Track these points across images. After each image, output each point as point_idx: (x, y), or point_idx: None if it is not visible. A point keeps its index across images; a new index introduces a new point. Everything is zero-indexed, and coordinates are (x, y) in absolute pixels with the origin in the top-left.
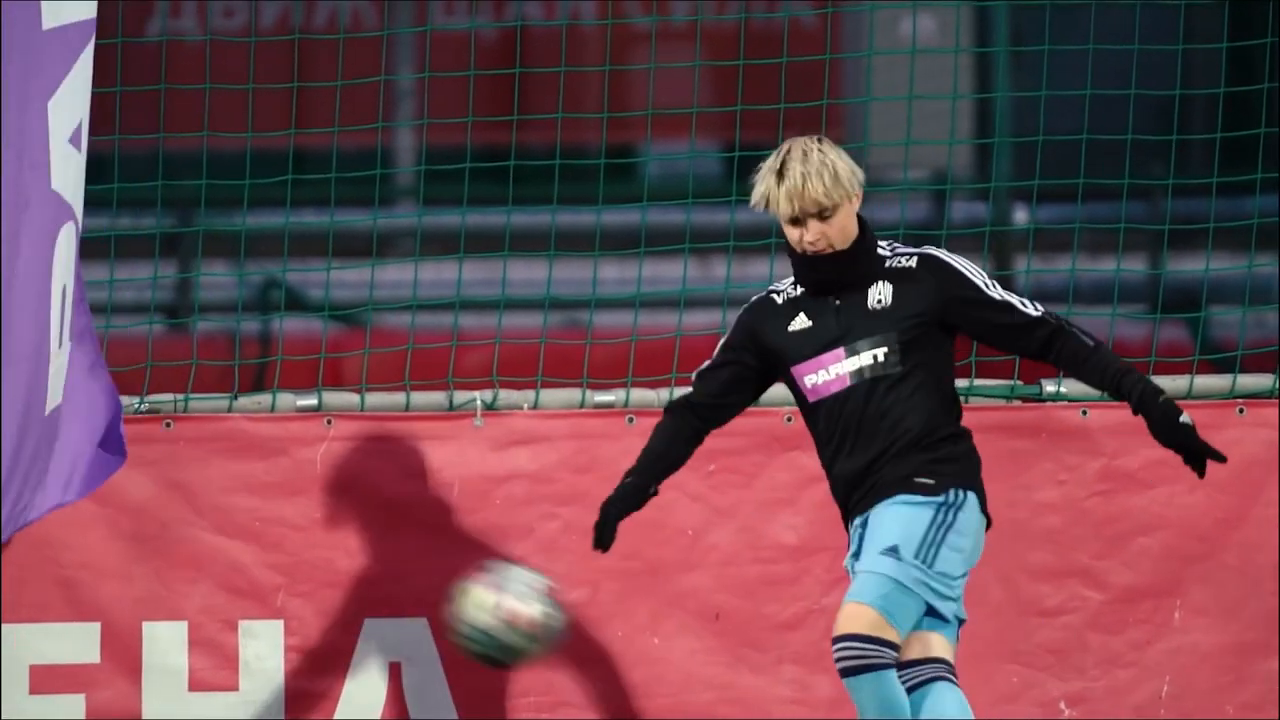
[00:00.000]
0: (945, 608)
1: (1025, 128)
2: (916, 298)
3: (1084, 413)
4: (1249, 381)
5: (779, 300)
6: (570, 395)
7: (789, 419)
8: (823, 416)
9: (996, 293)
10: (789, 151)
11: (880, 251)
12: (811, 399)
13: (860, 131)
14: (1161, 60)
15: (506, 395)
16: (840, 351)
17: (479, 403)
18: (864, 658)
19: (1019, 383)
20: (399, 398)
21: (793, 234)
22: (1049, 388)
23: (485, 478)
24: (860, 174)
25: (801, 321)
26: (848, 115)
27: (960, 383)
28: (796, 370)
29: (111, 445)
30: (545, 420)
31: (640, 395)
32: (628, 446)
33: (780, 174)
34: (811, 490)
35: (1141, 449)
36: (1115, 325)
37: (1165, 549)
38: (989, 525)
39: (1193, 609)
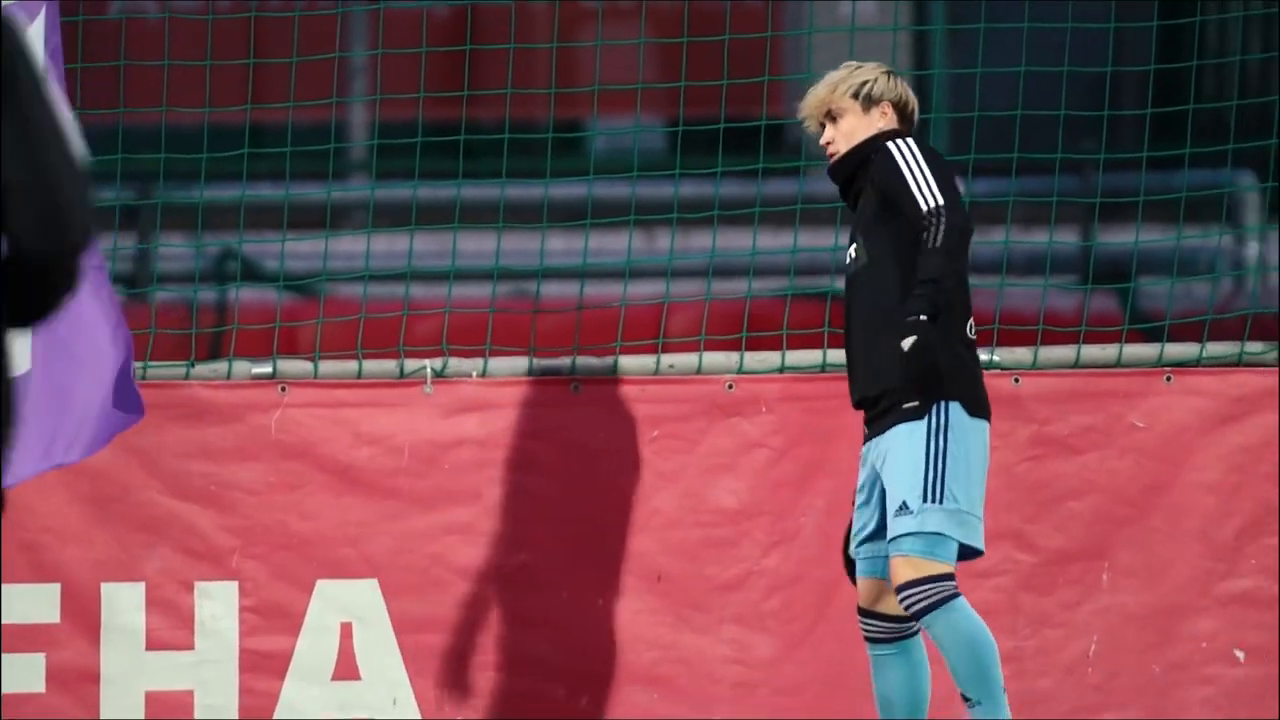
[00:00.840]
0: (971, 537)
1: (961, 104)
2: (874, 192)
3: (1016, 380)
4: (1176, 350)
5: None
6: (517, 363)
7: (730, 386)
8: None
9: (911, 180)
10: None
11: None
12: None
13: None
14: (1093, 39)
15: (456, 363)
16: (851, 251)
17: (429, 370)
18: (925, 597)
19: None
20: (351, 365)
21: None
22: (982, 357)
23: (434, 443)
24: (894, 96)
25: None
26: (788, 91)
27: None
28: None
29: (125, 402)
30: (493, 387)
31: (586, 363)
32: (574, 413)
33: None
34: (752, 455)
35: (1072, 416)
36: (1047, 295)
37: (1094, 513)
38: (988, 414)
39: (1121, 571)
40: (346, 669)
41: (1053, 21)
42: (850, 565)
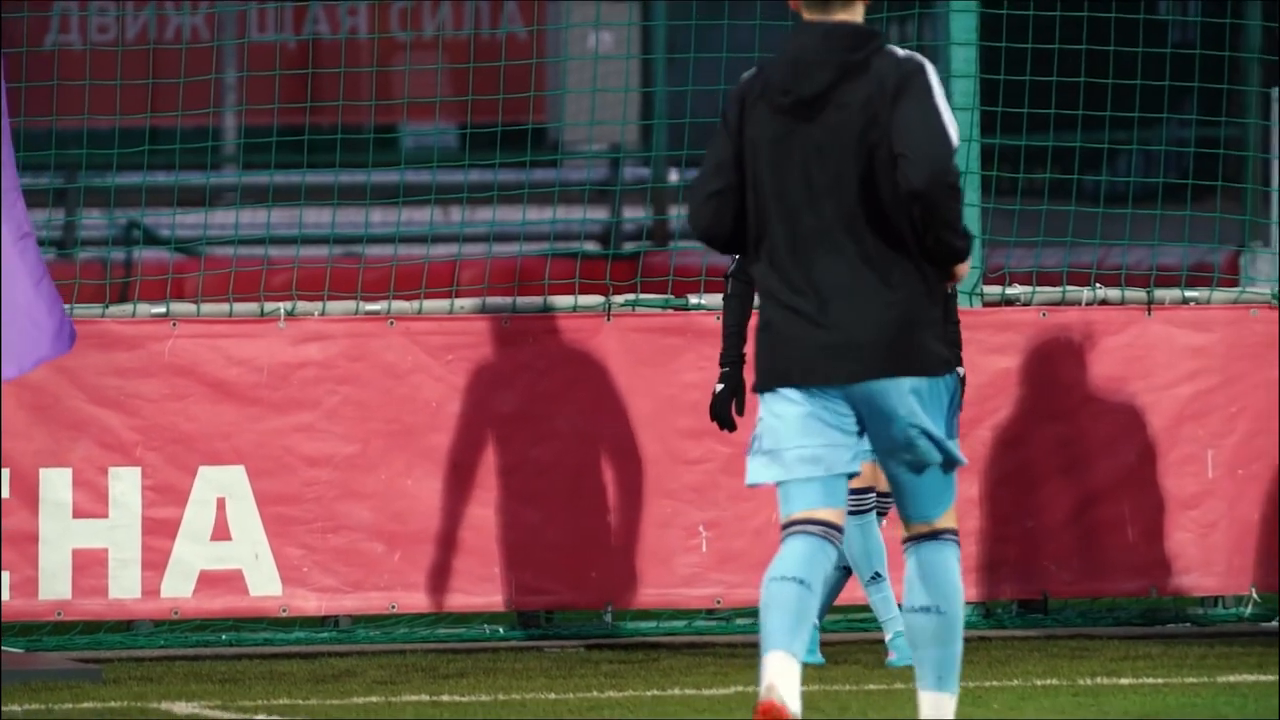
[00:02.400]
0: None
1: (677, 112)
2: None
3: (717, 318)
4: None
5: None
6: (348, 305)
7: (506, 321)
8: None
9: None
10: None
11: None
12: None
13: (558, 115)
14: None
15: (302, 305)
16: None
17: (282, 311)
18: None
19: (672, 296)
20: (224, 307)
21: None
22: (694, 300)
23: (286, 364)
24: None
25: None
26: (549, 104)
27: (629, 295)
28: None
29: (59, 336)
30: (330, 323)
31: (398, 305)
32: (389, 343)
33: None
34: (522, 373)
35: None
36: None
37: None
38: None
39: None
40: (221, 532)
41: (748, 51)
42: None
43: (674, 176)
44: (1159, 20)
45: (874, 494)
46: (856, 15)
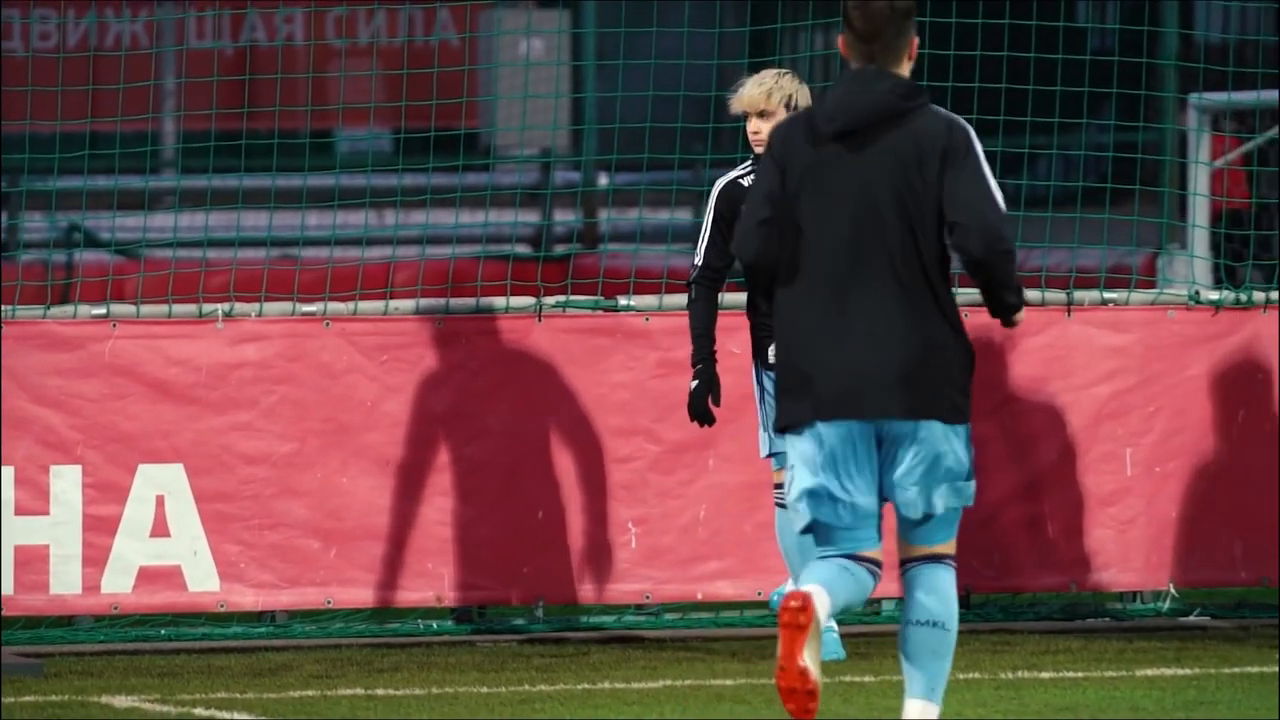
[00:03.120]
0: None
1: (606, 118)
2: None
3: (646, 319)
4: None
5: (746, 184)
6: (284, 306)
7: (440, 323)
8: None
9: None
10: (760, 74)
11: None
12: None
13: (490, 120)
14: (703, 70)
15: (240, 307)
16: None
17: (220, 312)
18: None
19: (602, 298)
20: (163, 308)
21: (748, 127)
22: (623, 301)
23: (224, 364)
24: (805, 102)
25: None
26: (482, 109)
27: (560, 297)
28: None
29: None
30: (267, 324)
31: (334, 306)
32: (325, 343)
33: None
34: (456, 374)
35: (688, 344)
36: (669, 258)
37: None
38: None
39: (722, 457)
40: (160, 529)
41: (676, 58)
42: None
43: (603, 180)
44: (1078, 27)
45: None
46: (905, 70)
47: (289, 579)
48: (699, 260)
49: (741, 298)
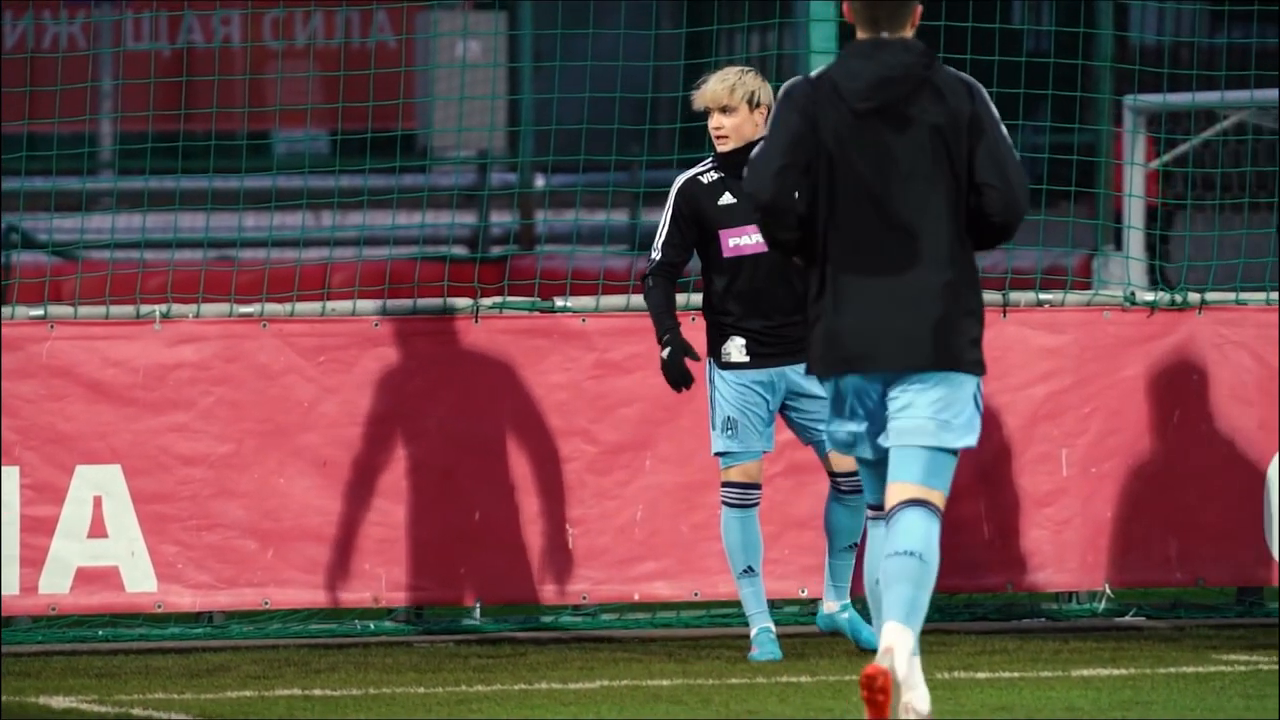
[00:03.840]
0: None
1: (543, 119)
2: None
3: (583, 320)
4: (698, 298)
5: (705, 181)
6: (222, 308)
7: (376, 324)
8: (743, 269)
9: None
10: (723, 71)
11: None
12: (729, 255)
13: (427, 122)
14: (639, 72)
15: (177, 308)
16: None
17: (157, 313)
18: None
19: (539, 299)
20: (101, 309)
21: (710, 123)
22: (560, 302)
23: (162, 365)
24: (767, 99)
25: (728, 198)
26: (419, 111)
27: (496, 298)
28: (724, 233)
29: None
30: (204, 325)
31: (271, 308)
32: (262, 344)
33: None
34: (392, 374)
35: (624, 346)
36: (606, 259)
37: (640, 416)
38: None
39: (659, 459)
40: (98, 529)
41: (612, 59)
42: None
43: (540, 182)
44: (1014, 29)
45: (759, 490)
46: (909, 34)
47: (226, 580)
48: (656, 255)
49: (677, 298)
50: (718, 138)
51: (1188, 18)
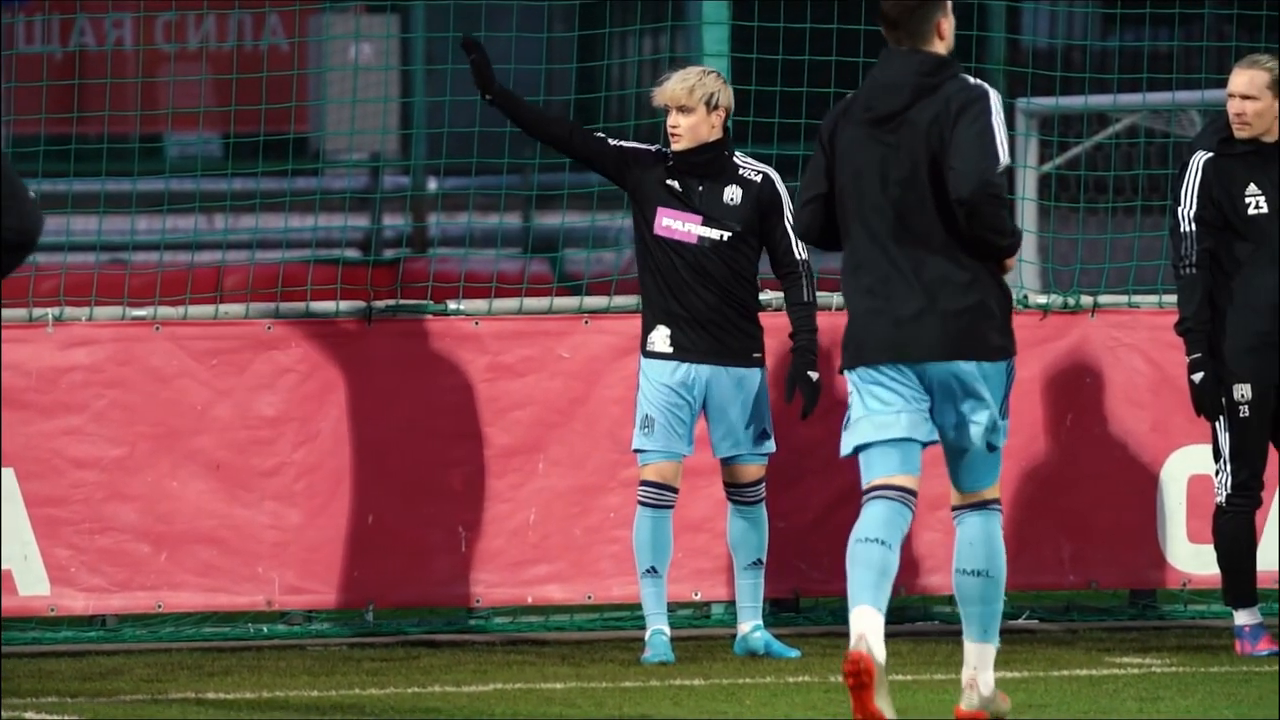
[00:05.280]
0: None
1: (435, 122)
2: (755, 204)
3: (476, 323)
4: (591, 301)
5: (667, 162)
6: (114, 310)
7: (269, 327)
8: (665, 252)
9: (788, 227)
10: (684, 70)
11: (735, 161)
12: (658, 233)
13: (320, 125)
14: (531, 75)
15: (70, 311)
16: (699, 219)
17: (50, 316)
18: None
19: (431, 301)
20: None
21: (668, 121)
22: (453, 305)
23: (54, 369)
24: (726, 102)
25: (673, 185)
26: (311, 114)
27: (390, 301)
28: (660, 210)
29: None
30: (97, 328)
31: (164, 311)
32: (155, 347)
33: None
34: (285, 378)
35: (517, 349)
36: (499, 262)
37: (533, 419)
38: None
39: (552, 462)
40: None
41: (504, 62)
42: None
43: (433, 185)
44: None
45: (674, 492)
46: (938, 48)
47: (119, 583)
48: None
49: (569, 302)
50: (673, 135)
51: (1080, 20)
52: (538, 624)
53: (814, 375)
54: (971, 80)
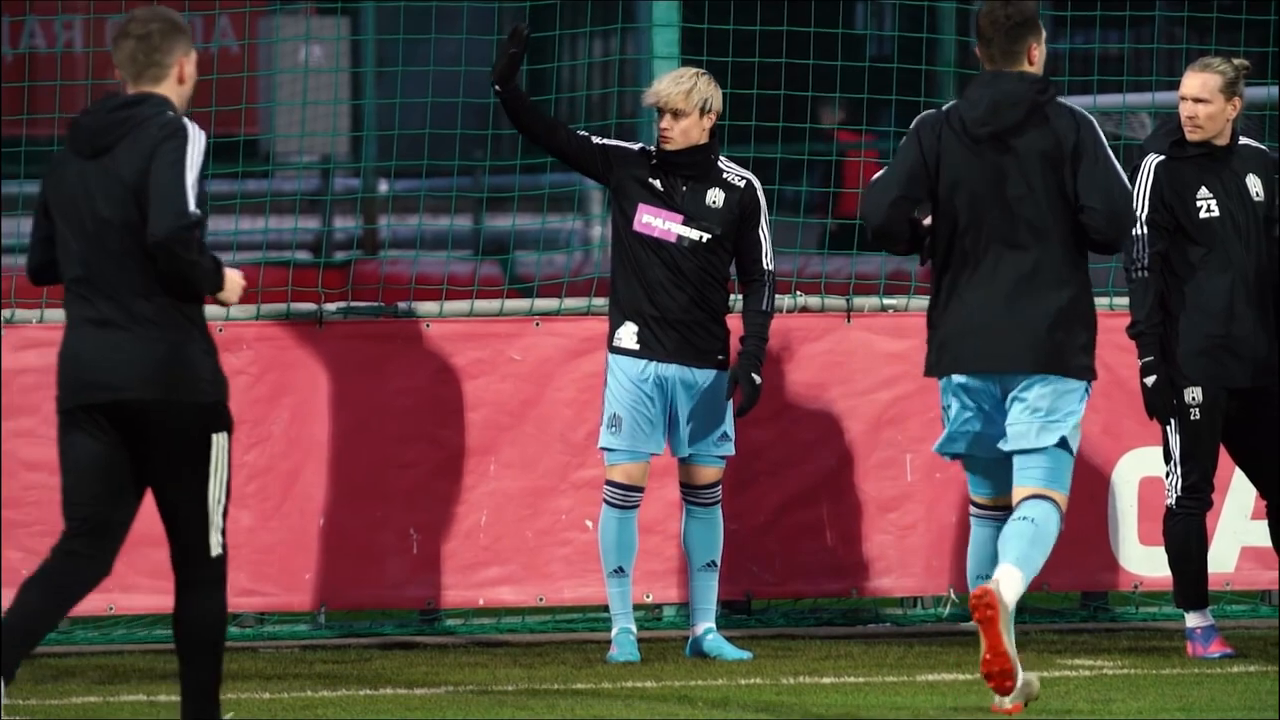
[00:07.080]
0: (726, 448)
1: (386, 124)
2: (738, 209)
3: (427, 325)
4: (542, 304)
5: (651, 161)
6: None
7: (220, 329)
8: (642, 249)
9: (764, 233)
10: (678, 71)
11: (720, 165)
12: (636, 229)
13: (269, 127)
14: (482, 77)
15: (21, 313)
16: (680, 218)
17: (2, 318)
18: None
19: (383, 304)
20: None
21: (659, 123)
22: (402, 306)
23: (6, 370)
24: (718, 106)
25: (657, 183)
26: (261, 116)
27: (341, 303)
28: (641, 207)
29: None
30: (48, 330)
31: None
32: None
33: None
34: (236, 380)
35: (468, 351)
36: (450, 265)
37: (485, 421)
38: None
39: (503, 463)
40: None
41: (454, 65)
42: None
43: (383, 187)
44: (857, 35)
45: (640, 493)
46: (1031, 67)
47: None
48: None
49: (520, 304)
50: (664, 138)
51: None
52: (490, 626)
53: (757, 379)
54: (1070, 107)
